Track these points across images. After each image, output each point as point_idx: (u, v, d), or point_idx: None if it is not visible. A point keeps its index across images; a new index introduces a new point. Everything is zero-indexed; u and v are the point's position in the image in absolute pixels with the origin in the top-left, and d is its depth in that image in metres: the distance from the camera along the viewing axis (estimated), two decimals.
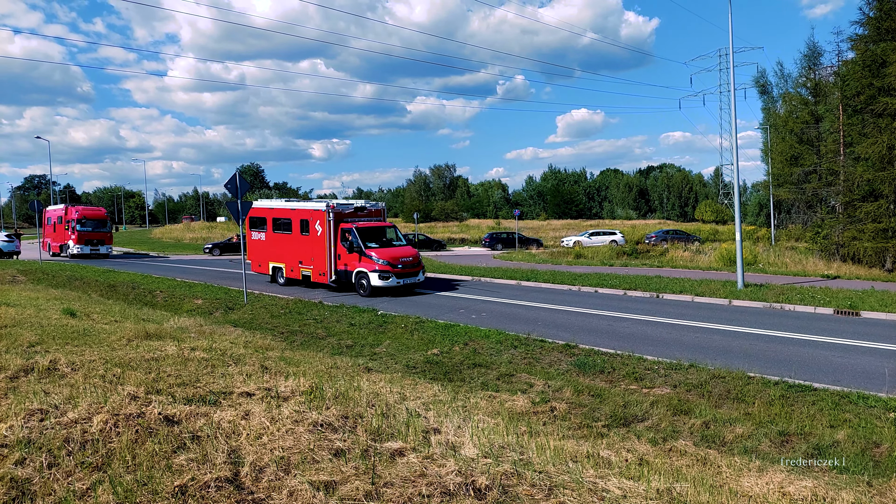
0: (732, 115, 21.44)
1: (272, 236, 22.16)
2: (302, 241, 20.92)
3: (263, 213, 22.67)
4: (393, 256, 19.45)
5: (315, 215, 20.34)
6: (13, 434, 4.16)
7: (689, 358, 10.69)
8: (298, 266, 21.24)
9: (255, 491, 3.51)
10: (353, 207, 20.80)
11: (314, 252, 20.51)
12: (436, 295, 19.86)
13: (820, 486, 4.71)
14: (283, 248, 21.78)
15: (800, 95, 42.94)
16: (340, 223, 19.99)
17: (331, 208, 19.94)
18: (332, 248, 20.00)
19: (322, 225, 20.08)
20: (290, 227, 21.29)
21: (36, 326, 9.89)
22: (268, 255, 22.59)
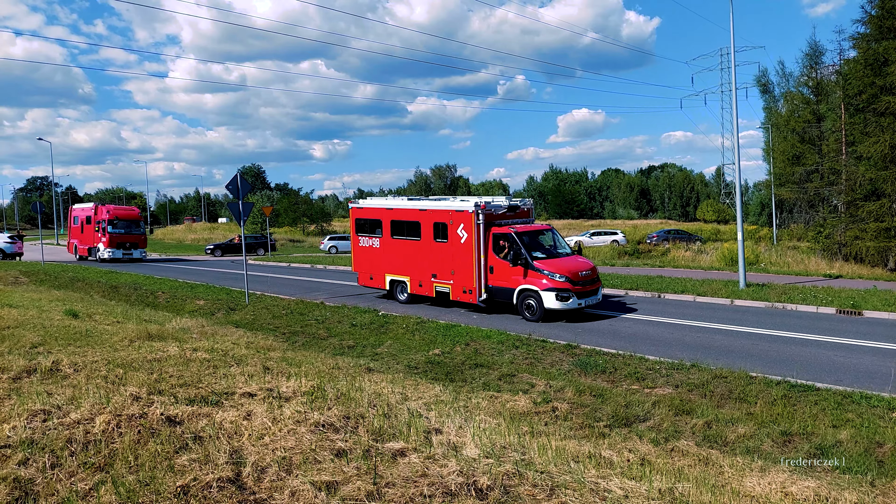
0: (734, 114, 21.44)
1: (391, 243, 17.90)
2: (437, 249, 16.52)
3: (376, 214, 18.38)
4: (571, 270, 14.91)
5: (457, 217, 15.97)
6: (16, 434, 4.18)
7: (691, 358, 10.67)
8: (430, 280, 16.86)
9: (257, 491, 3.52)
10: (506, 207, 16.56)
11: (455, 263, 16.05)
12: None
13: (823, 486, 4.70)
14: (408, 257, 17.40)
15: (801, 94, 42.90)
16: (492, 227, 15.75)
17: (481, 208, 15.63)
18: (481, 258, 15.58)
19: (468, 229, 15.66)
20: (417, 231, 17.03)
21: (39, 327, 9.91)
22: (383, 266, 18.24)
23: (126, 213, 36.71)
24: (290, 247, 54.58)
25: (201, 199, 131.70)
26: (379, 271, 18.46)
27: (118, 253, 34.96)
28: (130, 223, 36.19)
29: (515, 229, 15.54)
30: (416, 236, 17.17)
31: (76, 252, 38.55)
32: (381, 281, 18.50)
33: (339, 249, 45.70)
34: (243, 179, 17.20)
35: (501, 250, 15.48)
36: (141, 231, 36.87)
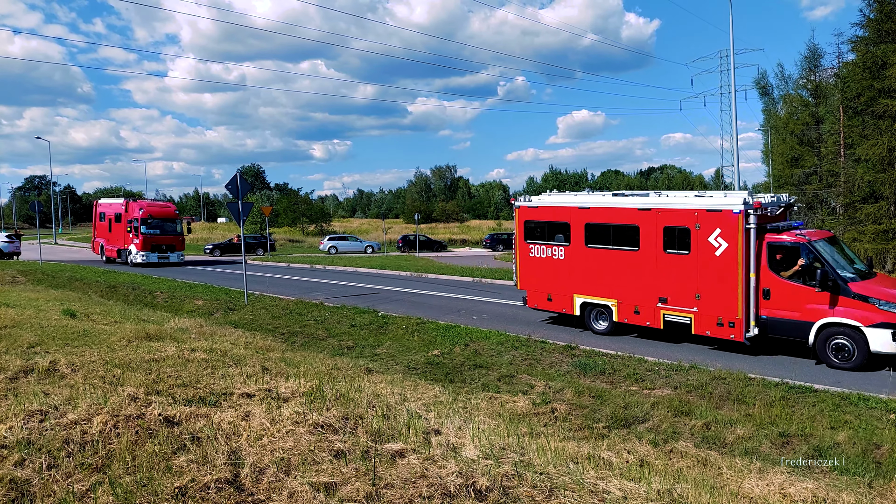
0: (733, 116, 21.50)
1: (585, 254, 13.49)
2: (669, 263, 12.24)
3: (561, 214, 13.95)
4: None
5: (709, 219, 11.66)
6: (13, 435, 4.16)
7: (690, 359, 10.68)
8: (655, 306, 12.48)
9: (256, 492, 3.51)
10: (784, 205, 12.45)
11: (704, 283, 11.73)
12: (436, 296, 19.85)
13: (821, 487, 4.70)
14: (615, 273, 13.11)
15: (800, 97, 42.97)
16: (765, 234, 11.44)
17: (754, 208, 11.29)
18: (750, 277, 11.25)
19: (729, 236, 11.35)
20: (633, 238, 12.79)
21: (36, 327, 9.89)
22: (570, 284, 13.80)
23: (161, 211, 32.33)
24: (290, 247, 54.57)
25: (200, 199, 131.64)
26: (563, 290, 13.94)
27: (153, 256, 30.86)
28: (166, 222, 32.00)
29: (809, 237, 11.28)
30: (629, 245, 12.85)
31: (102, 253, 34.65)
32: (565, 303, 13.96)
33: (338, 250, 45.69)
34: (243, 179, 17.19)
35: (783, 266, 11.17)
36: (178, 231, 32.45)
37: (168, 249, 31.77)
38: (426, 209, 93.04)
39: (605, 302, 13.29)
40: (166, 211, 32.88)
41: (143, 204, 32.19)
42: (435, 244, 49.19)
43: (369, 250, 46.99)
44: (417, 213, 57.23)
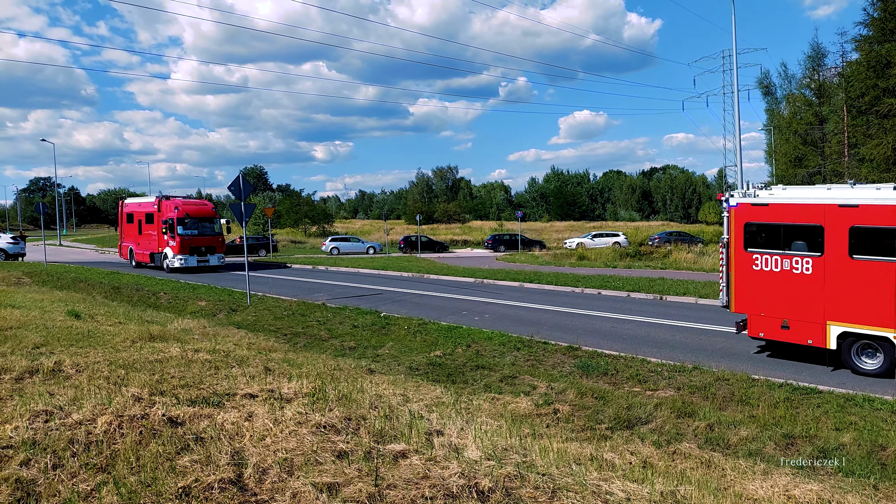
0: (736, 116, 21.46)
1: (849, 267, 10.08)
2: None
3: (807, 214, 10.63)
4: None
5: None
6: (18, 435, 4.17)
7: (693, 360, 10.66)
8: None
9: (259, 493, 3.51)
10: None
11: None
12: (438, 297, 19.86)
13: (826, 489, 4.69)
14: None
15: (804, 97, 42.91)
16: None
17: None
18: None
19: None
20: None
21: (41, 328, 9.92)
22: (821, 307, 10.39)
23: (198, 210, 29.13)
24: (292, 248, 54.62)
25: None
26: (809, 316, 10.51)
27: (191, 260, 28.11)
28: (204, 221, 28.99)
29: None
30: None
31: (132, 258, 31.88)
32: (811, 332, 10.50)
33: (340, 251, 45.72)
34: (245, 181, 17.22)
35: None
36: (217, 230, 29.36)
37: (207, 252, 28.74)
38: (428, 210, 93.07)
39: (882, 333, 9.75)
40: (204, 209, 29.42)
41: (178, 202, 28.70)
42: (437, 245, 49.18)
43: (371, 251, 47.02)
44: (419, 214, 57.25)
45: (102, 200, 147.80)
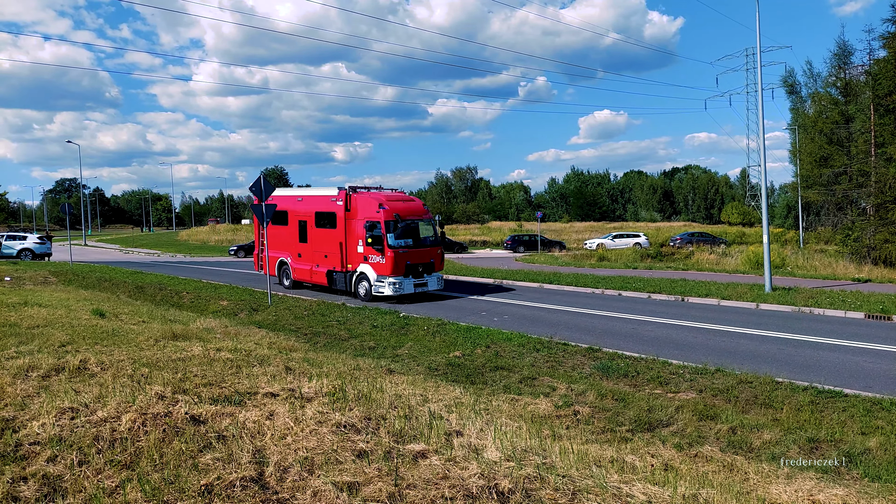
0: (760, 115, 21.11)
1: None
2: None
3: None
4: None
5: None
6: (45, 432, 4.26)
7: (716, 362, 10.53)
8: None
9: (280, 491, 3.54)
10: None
11: None
12: (457, 297, 19.85)
13: (851, 494, 4.60)
14: None
15: (829, 95, 42.14)
16: None
17: None
18: None
19: None
20: None
21: (67, 326, 10.10)
22: None
23: (411, 208, 19.51)
24: None
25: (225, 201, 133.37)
26: None
27: (407, 284, 18.50)
28: (417, 225, 19.72)
29: None
30: None
31: (284, 274, 22.28)
32: None
33: None
34: (266, 181, 17.38)
35: None
36: (434, 238, 19.90)
37: (425, 270, 19.06)
38: (447, 210, 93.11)
39: None
40: (416, 207, 19.76)
41: (380, 197, 19.09)
42: (455, 245, 49.16)
43: None
44: (438, 215, 57.12)
45: (126, 201, 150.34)
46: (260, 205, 17.36)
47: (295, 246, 21.55)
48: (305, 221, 20.97)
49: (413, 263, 18.73)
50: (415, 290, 18.75)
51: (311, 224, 20.70)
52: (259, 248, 23.09)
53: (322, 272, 20.36)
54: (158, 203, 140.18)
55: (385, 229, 18.07)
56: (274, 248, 22.24)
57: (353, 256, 19.28)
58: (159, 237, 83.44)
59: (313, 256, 20.73)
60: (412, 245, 18.97)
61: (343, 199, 19.41)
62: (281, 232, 21.98)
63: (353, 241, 19.07)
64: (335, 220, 19.66)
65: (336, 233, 19.61)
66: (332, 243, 19.82)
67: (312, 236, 20.68)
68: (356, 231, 18.94)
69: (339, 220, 19.50)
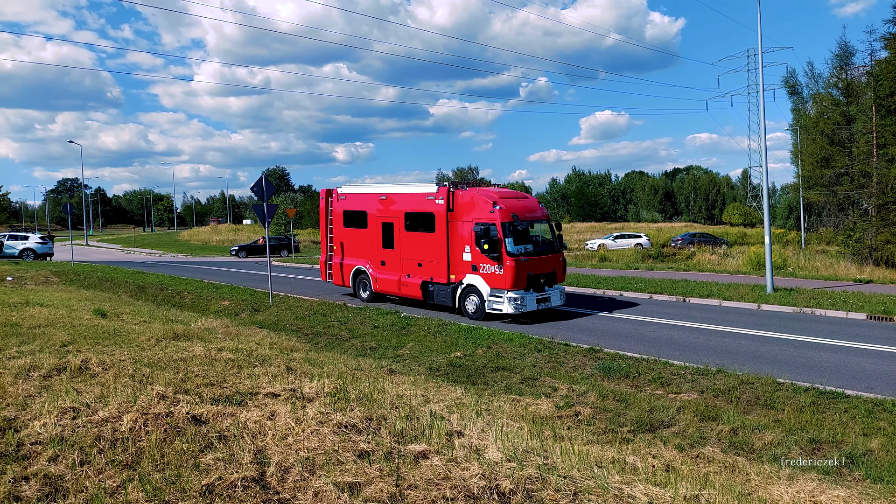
0: (761, 116, 21.10)
1: None
2: None
3: None
4: None
5: None
6: (46, 431, 4.26)
7: (717, 363, 10.52)
8: None
9: (281, 491, 3.54)
10: None
11: None
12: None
13: (853, 495, 4.60)
14: None
15: (831, 96, 42.12)
16: None
17: None
18: None
19: None
20: None
21: (68, 326, 10.11)
22: None
23: (526, 206, 16.12)
24: (314, 248, 55.02)
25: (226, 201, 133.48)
26: None
27: (529, 300, 15.15)
28: (536, 227, 16.52)
29: None
30: None
31: (361, 285, 18.92)
32: None
33: None
34: (268, 182, 17.39)
35: None
36: (554, 244, 16.33)
37: (546, 282, 15.73)
38: None
39: None
40: (532, 205, 16.37)
41: (492, 194, 15.71)
42: None
43: None
44: None
45: (128, 201, 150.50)
46: (261, 205, 17.36)
47: (377, 252, 18.19)
48: (391, 224, 17.60)
49: (535, 274, 15.35)
50: (538, 307, 15.40)
51: (400, 227, 17.35)
52: (327, 254, 20.20)
53: (414, 283, 17.05)
54: (160, 203, 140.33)
55: (503, 233, 14.84)
56: (348, 254, 19.30)
57: (457, 265, 15.95)
58: (161, 237, 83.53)
59: (403, 265, 17.40)
60: (532, 252, 15.49)
61: (445, 196, 16.08)
62: (358, 236, 18.79)
63: (458, 247, 15.83)
64: (433, 222, 16.33)
65: (434, 237, 16.30)
66: (429, 249, 16.52)
67: (401, 241, 17.33)
68: (462, 235, 15.73)
69: (438, 221, 16.20)
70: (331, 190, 20.06)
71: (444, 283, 16.29)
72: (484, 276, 15.36)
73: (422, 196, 16.81)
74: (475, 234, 15.22)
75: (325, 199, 20.14)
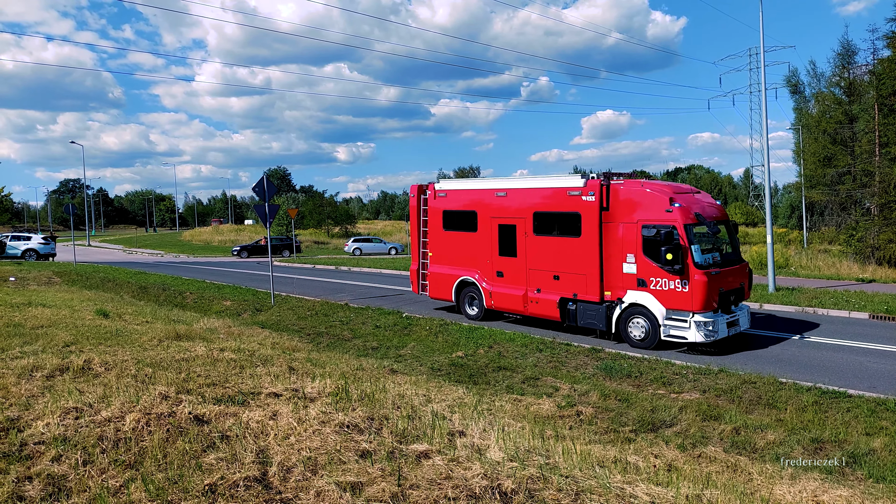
0: (763, 115, 21.07)
1: None
2: None
3: None
4: None
5: None
6: (49, 431, 4.27)
7: (719, 363, 10.51)
8: None
9: (283, 491, 3.55)
10: None
11: None
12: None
13: (855, 495, 4.59)
14: None
15: (833, 95, 42.08)
16: None
17: None
18: None
19: None
20: None
21: (71, 327, 10.13)
22: None
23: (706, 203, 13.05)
24: (315, 248, 55.06)
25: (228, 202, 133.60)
26: None
27: (720, 324, 11.77)
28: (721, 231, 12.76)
29: None
30: None
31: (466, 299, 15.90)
32: None
33: (362, 251, 45.96)
34: (269, 182, 17.40)
35: None
36: (736, 251, 13.44)
37: (737, 299, 12.70)
38: None
39: None
40: (711, 203, 13.47)
41: (666, 188, 12.53)
42: None
43: (393, 252, 47.20)
44: None
45: (130, 202, 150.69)
46: (263, 205, 17.37)
47: (491, 261, 14.98)
48: (513, 226, 14.44)
49: (725, 291, 12.06)
50: (728, 332, 12.03)
51: (526, 229, 14.13)
52: (420, 262, 17.00)
53: (548, 300, 13.71)
54: (162, 203, 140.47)
55: (686, 238, 11.64)
56: (450, 261, 16.03)
57: (614, 279, 12.65)
58: (163, 237, 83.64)
59: (530, 277, 14.14)
60: (720, 262, 12.35)
61: (597, 191, 12.68)
62: (463, 240, 15.63)
63: (616, 256, 12.57)
64: (577, 224, 13.05)
65: (580, 243, 13.03)
66: (570, 258, 13.27)
67: (528, 247, 14.11)
68: (622, 240, 12.42)
69: (587, 223, 12.88)
70: (424, 186, 16.85)
71: (594, 302, 12.90)
72: (656, 293, 12.06)
73: (560, 192, 13.44)
74: (645, 239, 12.10)
75: (417, 196, 16.91)
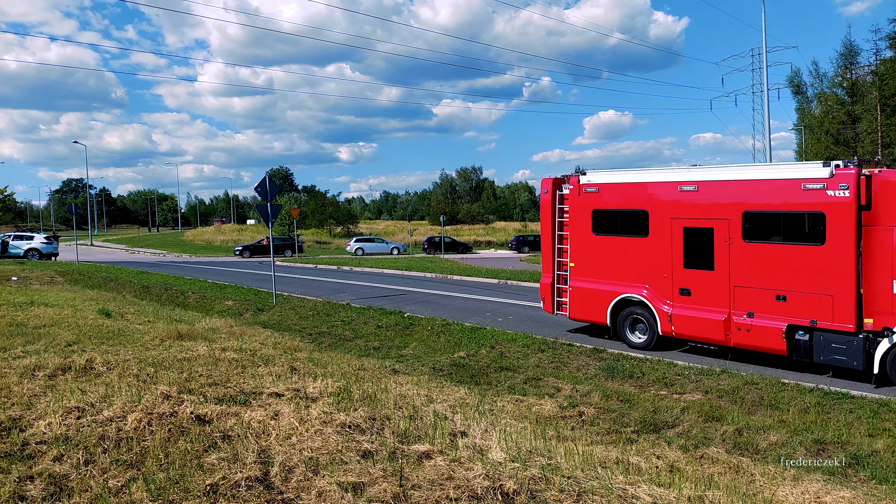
0: (766, 115, 21.05)
1: None
2: None
3: None
4: None
5: None
6: (51, 431, 4.27)
7: (721, 364, 10.49)
8: None
9: (285, 491, 3.55)
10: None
11: None
12: (462, 298, 19.85)
13: (858, 496, 4.58)
14: None
15: (836, 95, 42.05)
16: None
17: None
18: None
19: None
20: None
21: (73, 326, 10.14)
22: None
23: None
24: (317, 248, 55.11)
25: (230, 201, 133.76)
26: None
27: None
28: None
29: None
30: None
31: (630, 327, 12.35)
32: None
33: (364, 251, 45.99)
34: (271, 182, 17.40)
35: None
36: None
37: None
38: (451, 211, 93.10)
39: None
40: None
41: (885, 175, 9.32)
42: (460, 246, 49.20)
43: (395, 252, 47.23)
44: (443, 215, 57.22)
45: (132, 201, 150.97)
46: (265, 205, 17.38)
47: (671, 274, 11.64)
48: (709, 229, 11.08)
49: None
50: None
51: (730, 233, 10.81)
52: (554, 273, 13.47)
53: (769, 329, 10.37)
54: (164, 203, 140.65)
55: None
56: (602, 274, 12.65)
57: (878, 302, 9.43)
58: (165, 237, 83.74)
59: (736, 296, 10.83)
60: None
61: (852, 184, 9.40)
62: (624, 247, 12.30)
63: (882, 271, 9.40)
64: (820, 228, 9.83)
65: (823, 252, 9.81)
66: (806, 272, 10.03)
67: (734, 257, 10.80)
68: (893, 250, 9.26)
69: (835, 226, 9.67)
70: (560, 179, 13.33)
71: (846, 333, 9.71)
72: None
73: (789, 185, 10.15)
74: None
75: (552, 192, 13.27)
